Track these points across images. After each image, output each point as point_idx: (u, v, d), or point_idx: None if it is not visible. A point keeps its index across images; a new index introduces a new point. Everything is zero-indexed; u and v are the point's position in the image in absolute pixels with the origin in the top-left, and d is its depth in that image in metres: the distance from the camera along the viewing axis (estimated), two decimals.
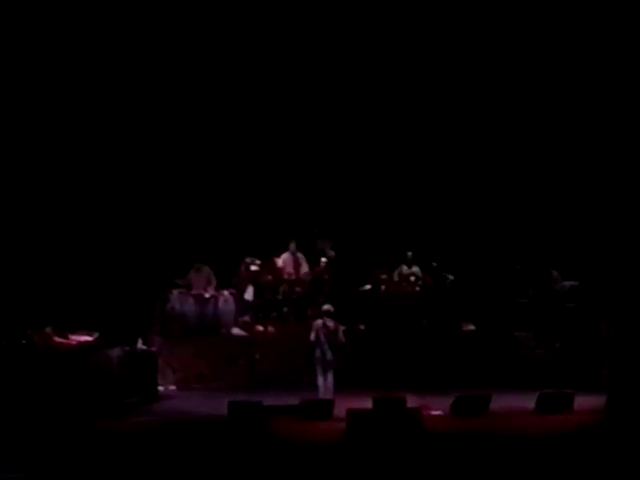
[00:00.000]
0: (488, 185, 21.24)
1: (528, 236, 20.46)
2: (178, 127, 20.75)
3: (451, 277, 19.18)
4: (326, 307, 16.19)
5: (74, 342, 15.98)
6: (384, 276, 19.12)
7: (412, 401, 14.40)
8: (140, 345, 16.89)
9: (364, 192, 21.06)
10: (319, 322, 15.94)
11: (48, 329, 15.92)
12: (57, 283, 18.63)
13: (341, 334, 16.03)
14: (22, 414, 14.17)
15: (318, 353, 15.78)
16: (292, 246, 19.18)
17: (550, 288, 18.84)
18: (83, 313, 17.28)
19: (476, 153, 21.21)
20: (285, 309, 18.86)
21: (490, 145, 21.18)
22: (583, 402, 14.83)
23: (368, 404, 14.12)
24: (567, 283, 18.85)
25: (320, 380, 15.73)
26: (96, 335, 16.16)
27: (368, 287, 19.12)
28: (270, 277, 18.92)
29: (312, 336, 15.84)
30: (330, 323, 15.93)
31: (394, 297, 18.89)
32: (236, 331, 18.44)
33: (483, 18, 20.82)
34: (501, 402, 14.78)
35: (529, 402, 14.77)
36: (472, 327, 18.68)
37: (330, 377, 15.75)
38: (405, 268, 19.34)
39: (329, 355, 15.75)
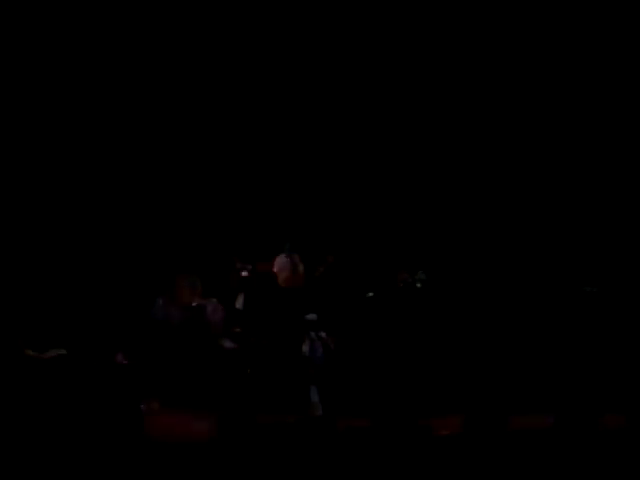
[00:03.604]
0: (491, 192, 21.03)
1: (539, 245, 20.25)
2: (169, 133, 20.70)
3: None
4: (310, 317, 16.10)
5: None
6: (387, 283, 18.56)
7: (419, 418, 13.75)
8: (122, 358, 16.53)
9: (362, 197, 20.99)
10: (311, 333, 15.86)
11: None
12: (37, 296, 17.92)
13: (332, 345, 15.96)
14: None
15: (309, 366, 15.71)
16: (287, 247, 18.96)
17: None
18: (62, 323, 16.93)
19: (475, 159, 21.04)
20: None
21: (487, 148, 21.01)
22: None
23: (368, 421, 13.15)
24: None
25: (315, 395, 15.56)
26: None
27: (371, 295, 18.57)
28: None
29: (304, 348, 15.84)
30: (322, 334, 15.92)
31: (397, 305, 18.31)
32: (228, 344, 17.76)
33: (483, 18, 20.72)
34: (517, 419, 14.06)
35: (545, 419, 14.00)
36: None
37: (325, 392, 15.61)
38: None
39: (321, 367, 15.70)
